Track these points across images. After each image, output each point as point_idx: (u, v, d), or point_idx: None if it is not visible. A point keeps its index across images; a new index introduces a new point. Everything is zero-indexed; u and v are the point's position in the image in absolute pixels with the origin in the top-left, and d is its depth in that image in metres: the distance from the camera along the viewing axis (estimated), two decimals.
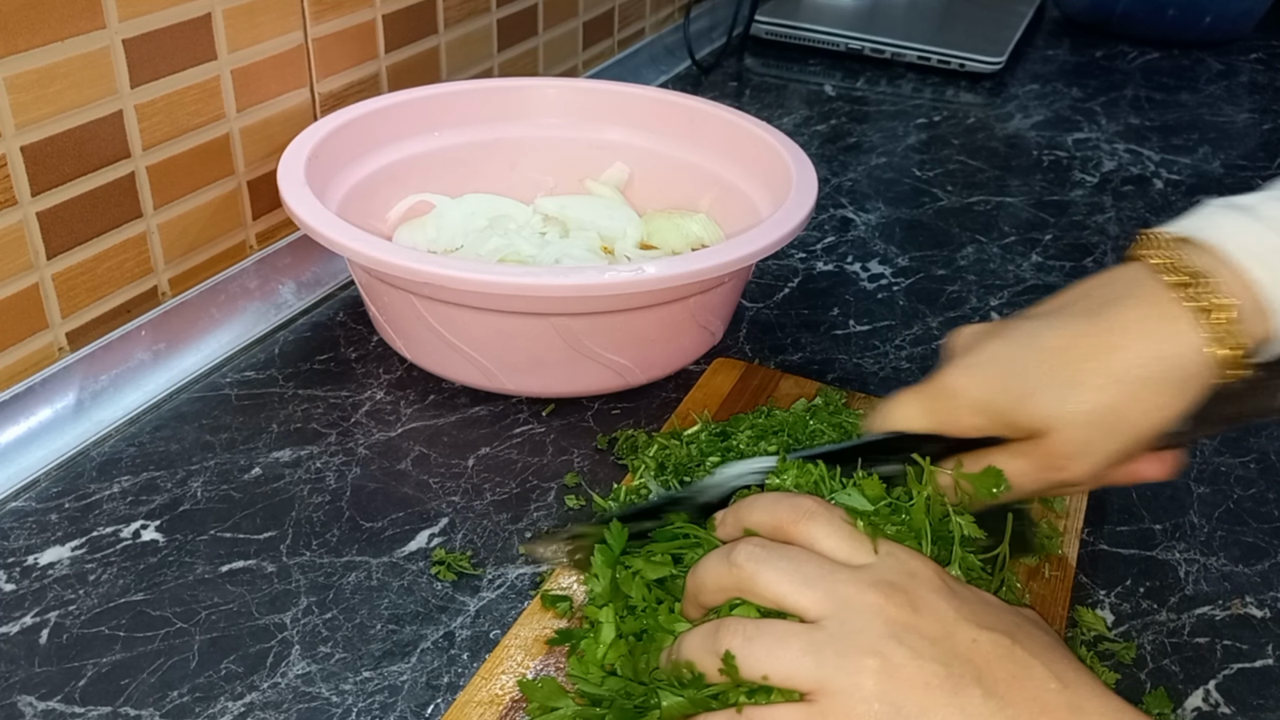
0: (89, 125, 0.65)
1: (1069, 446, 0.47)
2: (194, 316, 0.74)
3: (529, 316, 0.64)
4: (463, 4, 0.93)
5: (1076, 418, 0.46)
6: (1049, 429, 0.47)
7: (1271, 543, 0.62)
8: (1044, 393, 0.46)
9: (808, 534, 0.45)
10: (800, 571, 0.43)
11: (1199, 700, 0.52)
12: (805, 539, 0.45)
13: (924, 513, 0.49)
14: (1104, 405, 0.46)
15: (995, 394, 0.48)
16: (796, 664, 0.41)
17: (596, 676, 0.46)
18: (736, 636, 0.42)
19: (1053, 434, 0.47)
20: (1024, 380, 0.47)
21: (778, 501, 0.47)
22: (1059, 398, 0.46)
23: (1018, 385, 0.47)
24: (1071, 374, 0.46)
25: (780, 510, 0.46)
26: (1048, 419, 0.46)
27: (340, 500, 0.62)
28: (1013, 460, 0.48)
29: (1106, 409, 0.46)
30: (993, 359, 0.48)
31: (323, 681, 0.51)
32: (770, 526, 0.46)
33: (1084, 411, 0.46)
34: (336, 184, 0.75)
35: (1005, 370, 0.48)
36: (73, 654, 0.52)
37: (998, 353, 0.48)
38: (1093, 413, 0.46)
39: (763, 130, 0.78)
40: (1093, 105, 1.24)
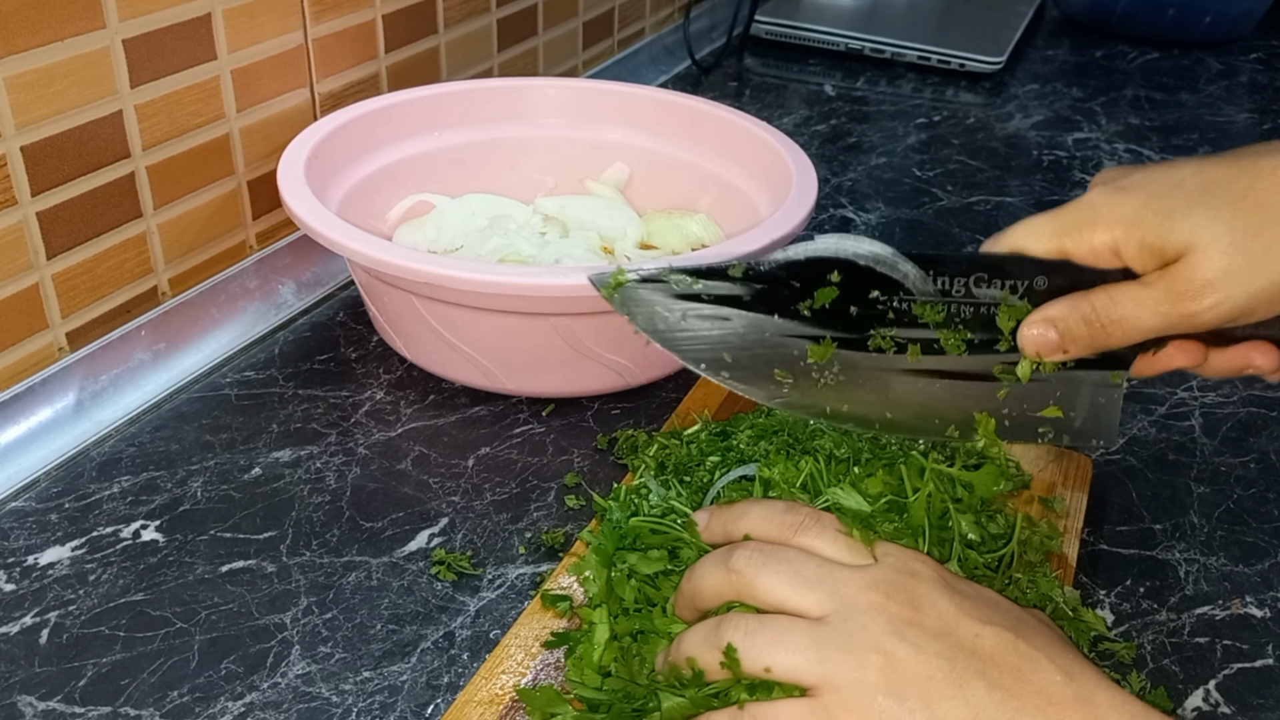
0: (89, 125, 0.65)
1: (1209, 271, 0.43)
2: (194, 316, 0.74)
3: (529, 316, 0.64)
4: (463, 4, 0.93)
5: (1224, 238, 0.43)
6: (1191, 248, 0.43)
7: (1271, 543, 0.62)
8: (1196, 210, 0.43)
9: (803, 544, 0.45)
10: (800, 574, 0.43)
11: (1199, 700, 0.52)
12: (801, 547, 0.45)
13: (923, 510, 0.49)
14: (1254, 230, 0.43)
15: (1143, 210, 0.44)
16: (800, 657, 0.40)
17: (594, 680, 0.46)
18: (739, 631, 0.42)
19: (1195, 254, 0.43)
20: (1178, 198, 0.44)
21: (771, 513, 0.47)
22: (1210, 216, 0.43)
23: (1168, 202, 0.44)
24: (1228, 196, 0.43)
25: (773, 524, 0.46)
26: (1193, 237, 0.43)
27: (340, 500, 0.62)
28: (1138, 288, 0.45)
29: (1258, 235, 0.43)
30: (1144, 181, 0.45)
31: (323, 681, 0.51)
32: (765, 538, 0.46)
33: (1234, 233, 0.43)
34: (336, 184, 0.75)
35: (1157, 190, 0.45)
36: (73, 654, 0.52)
37: (1151, 175, 0.45)
38: (1243, 237, 0.43)
39: (763, 130, 0.78)
40: (1093, 105, 1.24)
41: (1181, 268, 0.44)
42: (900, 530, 0.47)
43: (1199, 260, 0.43)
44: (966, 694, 0.39)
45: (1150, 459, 0.68)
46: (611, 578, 0.51)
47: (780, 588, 0.43)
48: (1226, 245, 0.43)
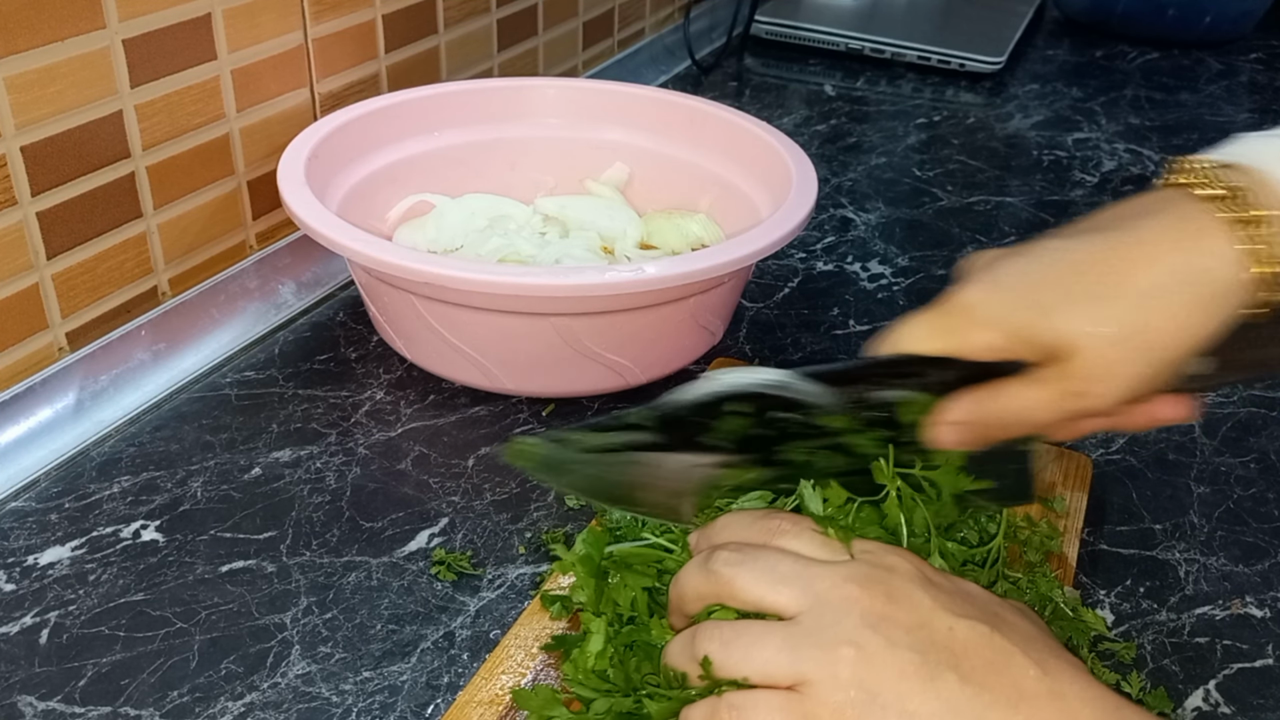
0: (89, 125, 0.65)
1: (1093, 367, 0.43)
2: (194, 316, 0.74)
3: (529, 316, 0.64)
4: (463, 4, 0.93)
5: (1102, 334, 0.43)
6: (1072, 347, 0.43)
7: (1271, 543, 0.62)
8: (1069, 307, 0.43)
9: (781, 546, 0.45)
10: (776, 571, 0.43)
11: (1199, 700, 0.52)
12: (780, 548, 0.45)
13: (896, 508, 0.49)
14: (1131, 320, 0.43)
15: (1015, 309, 0.44)
16: (773, 661, 0.41)
17: (591, 680, 0.47)
18: (713, 641, 0.42)
19: (1076, 353, 0.43)
20: (1048, 294, 0.44)
21: (749, 520, 0.47)
22: (1084, 312, 0.43)
23: (1041, 298, 0.44)
24: (1099, 288, 0.43)
25: (752, 529, 0.46)
26: (1072, 335, 0.43)
27: (340, 500, 0.62)
28: (1030, 388, 0.45)
29: (1134, 325, 0.43)
30: (1014, 274, 0.45)
31: (323, 681, 0.51)
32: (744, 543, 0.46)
33: (1111, 327, 0.43)
34: (336, 184, 0.75)
35: (1028, 285, 0.45)
36: (73, 654, 0.52)
37: (1020, 268, 0.45)
38: (1120, 329, 0.43)
39: (763, 130, 0.78)
40: (1093, 105, 1.24)
41: (1071, 365, 0.44)
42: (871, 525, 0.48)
43: (1084, 356, 0.43)
44: (938, 687, 0.39)
45: (1150, 459, 0.68)
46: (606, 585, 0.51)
47: (756, 586, 0.43)
48: (1108, 339, 0.43)
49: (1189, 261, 0.43)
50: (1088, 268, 0.44)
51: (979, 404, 0.46)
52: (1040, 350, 0.44)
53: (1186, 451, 0.69)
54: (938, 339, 0.46)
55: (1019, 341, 0.44)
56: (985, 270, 0.46)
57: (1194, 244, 0.43)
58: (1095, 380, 0.44)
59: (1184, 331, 0.43)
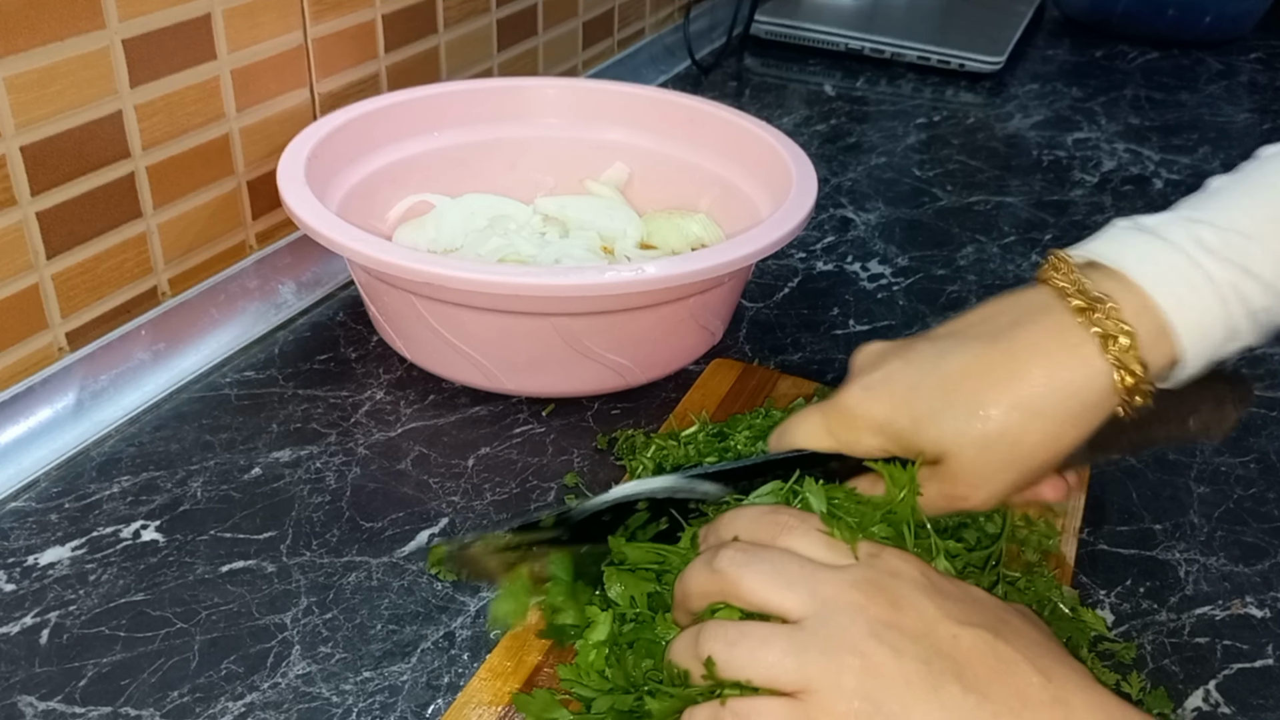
0: (89, 125, 0.65)
1: (966, 473, 0.46)
2: (194, 316, 0.74)
3: (529, 316, 0.64)
4: (463, 4, 0.93)
5: (974, 444, 0.45)
6: (947, 454, 0.46)
7: (1271, 543, 0.62)
8: (941, 418, 0.46)
9: (787, 545, 0.45)
10: (783, 574, 0.43)
11: (1199, 700, 0.52)
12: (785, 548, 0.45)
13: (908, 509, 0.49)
14: (1002, 432, 0.45)
15: (893, 416, 0.47)
16: (779, 665, 0.41)
17: (591, 679, 0.47)
18: (718, 641, 0.42)
19: (951, 460, 0.46)
20: (922, 404, 0.46)
21: (755, 517, 0.47)
22: (956, 424, 0.46)
23: (916, 408, 0.47)
24: (970, 400, 0.46)
25: (758, 527, 0.46)
26: (945, 444, 0.46)
27: (340, 500, 0.62)
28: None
29: (1004, 436, 0.45)
30: (891, 379, 0.48)
31: (323, 681, 0.51)
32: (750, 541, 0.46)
33: (981, 438, 0.45)
34: (336, 184, 0.75)
35: (904, 392, 0.47)
36: (73, 654, 0.52)
37: (897, 373, 0.48)
38: (990, 440, 0.45)
39: (763, 130, 0.78)
40: (1093, 105, 1.24)
41: (945, 471, 0.46)
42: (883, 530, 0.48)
43: (956, 466, 0.46)
44: (942, 697, 0.39)
45: (1150, 459, 0.68)
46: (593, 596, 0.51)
47: (763, 588, 0.43)
48: (979, 449, 0.46)
49: (1059, 376, 0.45)
50: (962, 378, 0.46)
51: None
52: (918, 455, 0.47)
53: (1186, 451, 0.69)
54: (828, 438, 0.49)
55: (900, 447, 0.47)
56: (867, 371, 0.49)
57: (1062, 357, 0.45)
58: (968, 484, 0.47)
59: (1053, 441, 0.46)
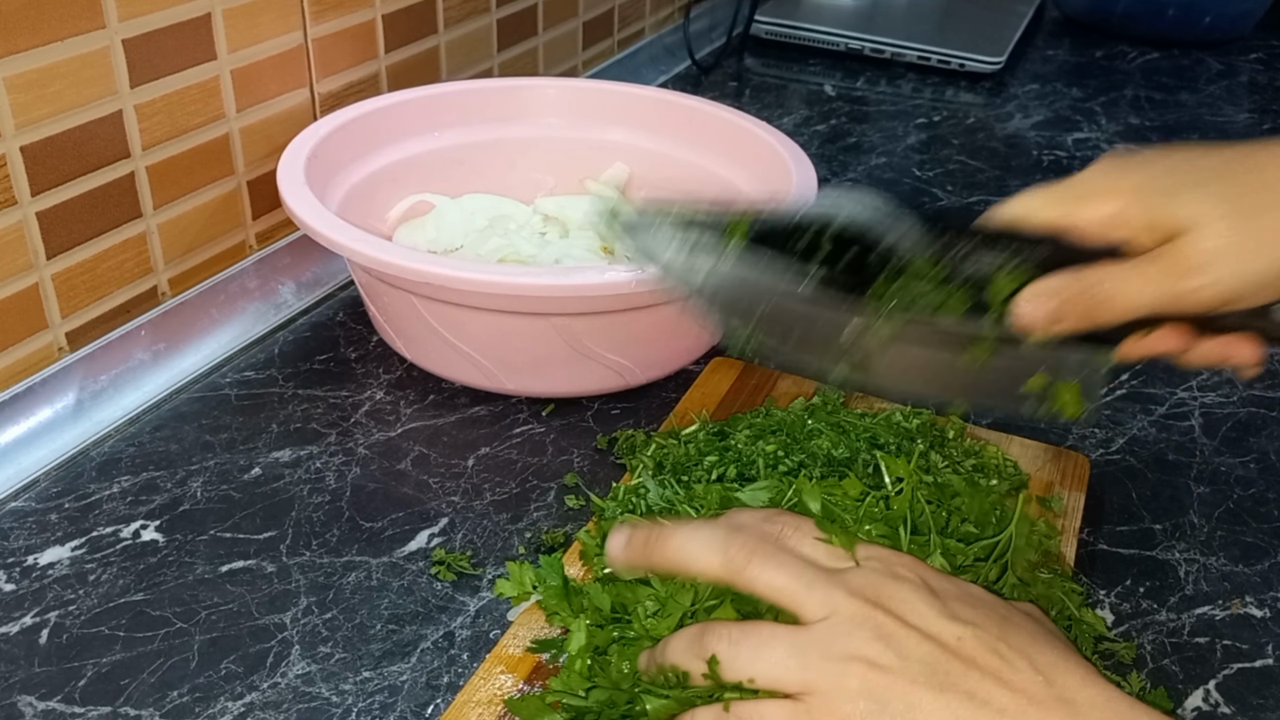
0: (89, 125, 0.65)
1: (1206, 248, 0.42)
2: (194, 316, 0.74)
3: (529, 316, 0.64)
4: (463, 4, 0.93)
5: (1223, 217, 0.42)
6: (1190, 226, 0.43)
7: (1271, 543, 0.62)
8: (1198, 189, 0.43)
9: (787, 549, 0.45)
10: (800, 578, 0.43)
11: (1199, 700, 0.52)
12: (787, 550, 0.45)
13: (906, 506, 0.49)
14: (1257, 212, 0.43)
15: (1146, 183, 0.44)
16: (782, 666, 0.41)
17: (579, 685, 0.47)
18: (722, 640, 0.42)
19: (1193, 232, 0.43)
20: (1181, 175, 0.44)
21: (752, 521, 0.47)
22: (1213, 194, 0.43)
23: (1173, 179, 0.44)
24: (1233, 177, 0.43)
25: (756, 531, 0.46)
26: (1194, 214, 0.43)
27: (340, 500, 0.62)
28: (1134, 269, 0.44)
29: (1259, 217, 0.42)
30: (1152, 158, 0.46)
31: (323, 681, 0.51)
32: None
33: (1234, 213, 0.42)
34: (336, 184, 0.75)
35: (1164, 166, 0.45)
36: (73, 654, 0.52)
37: (1160, 153, 0.46)
38: (1243, 218, 0.42)
39: (763, 130, 0.78)
40: (1093, 105, 1.23)
41: (1179, 244, 0.43)
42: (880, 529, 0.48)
43: (1196, 238, 0.43)
44: (946, 698, 0.39)
45: (1150, 459, 0.68)
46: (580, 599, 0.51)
47: (779, 588, 0.43)
48: (1225, 225, 0.42)
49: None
50: (1225, 163, 0.44)
51: (1076, 279, 0.45)
52: (1155, 229, 0.44)
53: (1186, 451, 0.69)
54: (1059, 205, 0.45)
55: (1139, 216, 0.44)
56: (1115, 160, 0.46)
57: None
58: (1201, 267, 0.43)
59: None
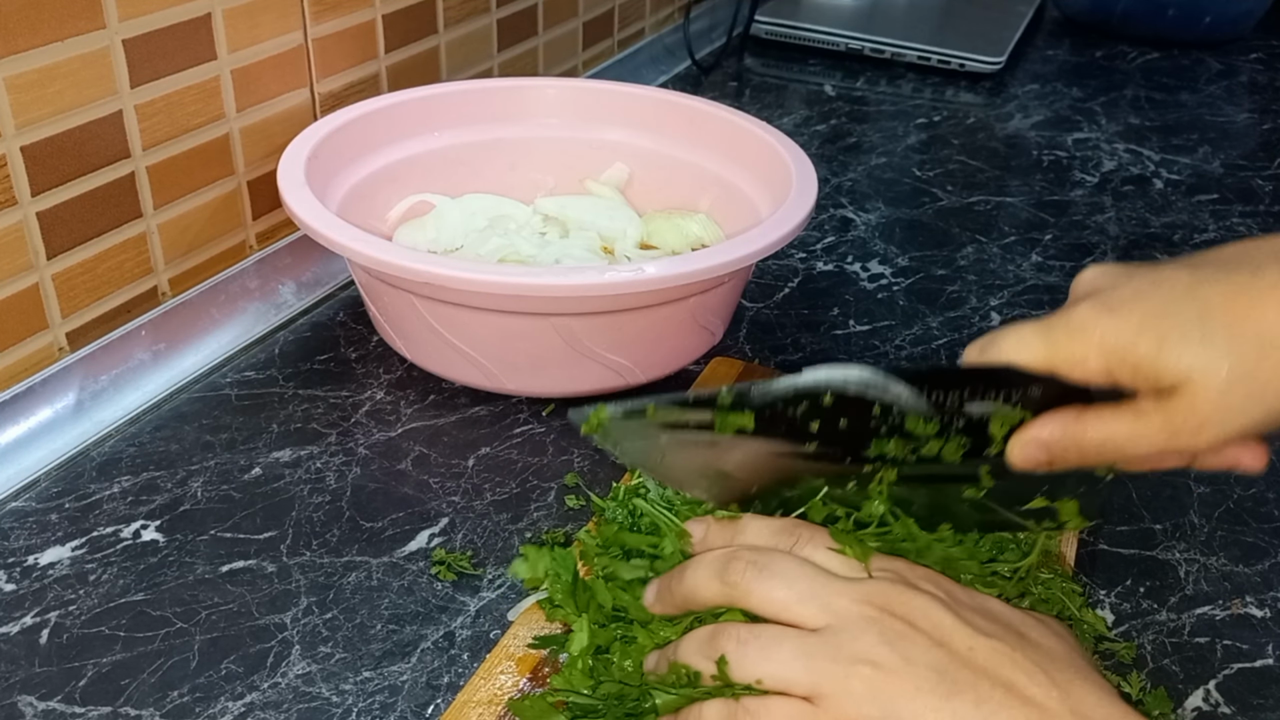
0: (89, 125, 0.65)
1: (1201, 407, 0.42)
2: (194, 316, 0.74)
3: (529, 316, 0.64)
4: (463, 4, 0.93)
5: (1221, 375, 0.41)
6: (1188, 383, 0.42)
7: (1271, 543, 0.62)
8: (1187, 343, 0.41)
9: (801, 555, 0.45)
10: (794, 588, 0.43)
11: (1199, 700, 0.52)
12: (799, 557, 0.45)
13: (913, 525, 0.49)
14: (1255, 363, 0.41)
15: (1136, 337, 0.42)
16: (789, 667, 0.41)
17: (583, 683, 0.47)
18: (731, 640, 0.42)
19: (1190, 389, 0.42)
20: (1173, 326, 0.42)
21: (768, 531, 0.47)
22: (1202, 351, 0.41)
23: (1159, 330, 0.42)
24: (1221, 329, 0.42)
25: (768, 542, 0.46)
26: (1190, 370, 0.41)
27: (340, 500, 0.62)
28: (1129, 418, 0.43)
29: (1257, 368, 0.41)
30: (1142, 297, 0.43)
31: (323, 681, 0.51)
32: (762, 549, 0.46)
33: (1232, 367, 0.41)
34: (336, 184, 0.75)
35: (1154, 312, 0.43)
36: (73, 654, 0.52)
37: (1147, 293, 0.43)
38: (1241, 371, 0.41)
39: (763, 130, 0.78)
40: (1093, 105, 1.24)
41: (1179, 403, 0.42)
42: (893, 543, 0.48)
43: (1196, 395, 0.42)
44: (954, 706, 0.39)
45: None
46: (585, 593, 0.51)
47: (774, 601, 0.43)
48: (1224, 380, 0.41)
49: None
50: (1212, 307, 0.42)
51: (1072, 425, 0.45)
52: (1148, 382, 0.43)
53: None
54: (1046, 354, 0.44)
55: (1129, 369, 0.43)
56: (1103, 291, 0.45)
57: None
58: (1200, 422, 0.42)
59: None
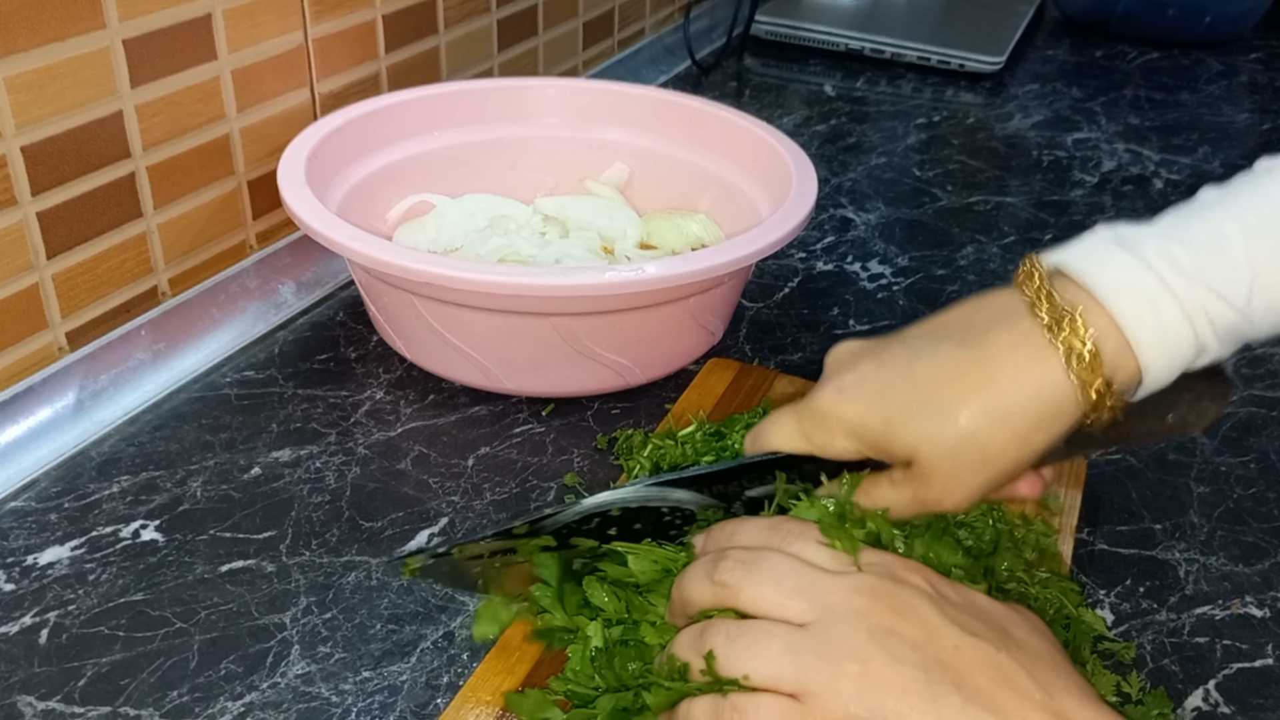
0: (89, 125, 0.65)
1: (939, 475, 0.46)
2: (194, 316, 0.74)
3: (529, 316, 0.64)
4: (463, 4, 0.93)
5: (945, 446, 0.45)
6: (918, 457, 0.46)
7: (1271, 543, 0.62)
8: (913, 421, 0.46)
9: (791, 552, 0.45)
10: (783, 583, 0.43)
11: (1199, 700, 0.52)
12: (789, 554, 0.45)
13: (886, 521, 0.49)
14: (972, 435, 0.45)
15: (866, 418, 0.47)
16: (776, 663, 0.41)
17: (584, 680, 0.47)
18: (720, 635, 0.42)
19: (922, 462, 0.46)
20: (894, 406, 0.46)
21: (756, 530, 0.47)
22: (927, 426, 0.46)
23: (888, 410, 0.47)
24: (941, 403, 0.46)
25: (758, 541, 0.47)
26: (916, 447, 0.46)
27: (340, 500, 0.62)
28: (889, 488, 0.48)
29: (975, 439, 0.45)
30: (864, 380, 0.48)
31: (323, 681, 0.51)
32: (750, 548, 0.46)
33: (952, 441, 0.45)
34: (336, 184, 0.75)
35: (876, 393, 0.47)
36: (72, 654, 0.52)
37: (870, 375, 0.48)
38: (961, 442, 0.45)
39: (763, 130, 0.78)
40: (1093, 105, 1.24)
41: (917, 472, 0.47)
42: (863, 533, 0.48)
43: (927, 469, 0.46)
44: (940, 707, 0.39)
45: (1150, 459, 0.68)
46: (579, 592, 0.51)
47: (763, 598, 0.43)
48: (949, 452, 0.46)
49: (1027, 382, 0.45)
50: (933, 381, 0.46)
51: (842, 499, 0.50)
52: (889, 457, 0.48)
53: (1186, 451, 0.69)
54: (802, 440, 0.49)
55: (873, 449, 0.48)
56: (840, 372, 0.49)
57: (1030, 364, 0.45)
58: (941, 487, 0.47)
59: (1024, 444, 0.46)
